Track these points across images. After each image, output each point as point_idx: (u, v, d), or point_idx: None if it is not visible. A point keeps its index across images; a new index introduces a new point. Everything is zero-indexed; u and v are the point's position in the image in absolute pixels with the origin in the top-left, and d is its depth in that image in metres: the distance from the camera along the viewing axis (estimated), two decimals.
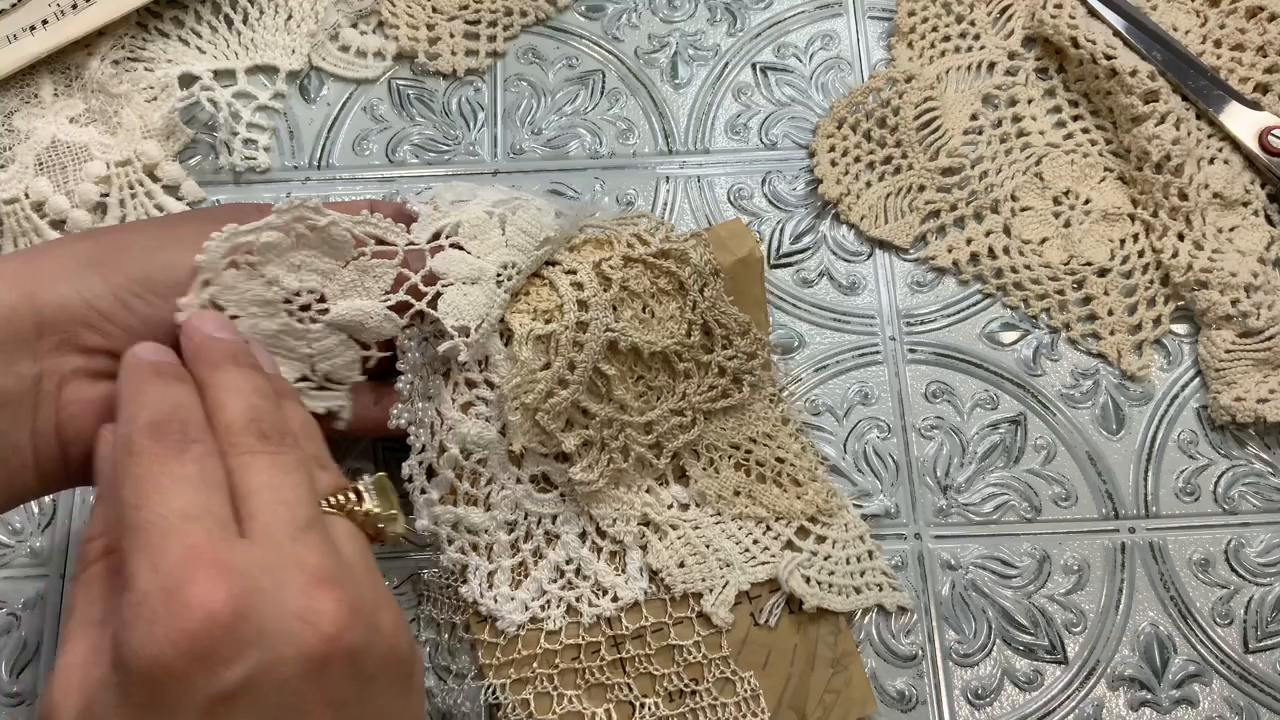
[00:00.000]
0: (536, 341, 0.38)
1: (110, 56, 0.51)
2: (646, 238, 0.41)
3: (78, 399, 0.33)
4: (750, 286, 0.44)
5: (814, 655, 0.41)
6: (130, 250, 0.34)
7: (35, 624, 0.43)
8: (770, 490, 0.43)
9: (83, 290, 0.33)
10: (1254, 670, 0.42)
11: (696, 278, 0.41)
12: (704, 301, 0.41)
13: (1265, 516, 0.45)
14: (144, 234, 0.36)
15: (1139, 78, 0.48)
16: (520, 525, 0.41)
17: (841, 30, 0.54)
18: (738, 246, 0.44)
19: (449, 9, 0.53)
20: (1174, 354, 0.47)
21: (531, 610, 0.41)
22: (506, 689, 0.40)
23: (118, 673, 0.26)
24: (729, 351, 0.42)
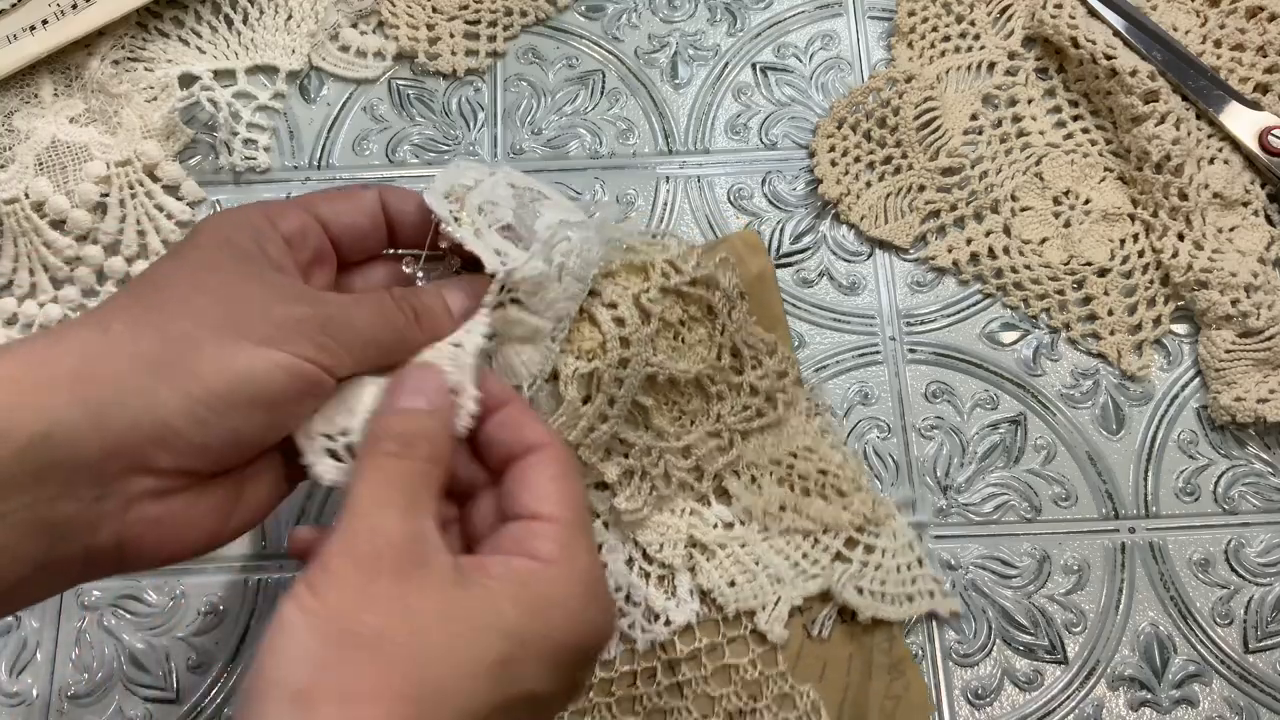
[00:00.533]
0: (581, 380, 0.38)
1: (110, 56, 0.51)
2: (680, 264, 0.40)
3: (143, 518, 0.30)
4: (769, 301, 0.45)
5: (870, 663, 0.41)
6: (201, 351, 0.30)
7: (35, 624, 0.43)
8: (815, 503, 0.43)
9: (156, 408, 0.29)
10: (1254, 670, 0.42)
11: (725, 301, 0.41)
12: (732, 324, 0.42)
13: (1265, 516, 0.45)
14: (204, 324, 0.31)
15: (1139, 78, 0.48)
16: None
17: (841, 30, 0.54)
18: (753, 260, 0.45)
19: (449, 9, 0.53)
20: (1174, 354, 0.47)
21: None
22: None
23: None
24: (759, 371, 0.43)
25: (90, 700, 0.42)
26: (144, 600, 0.43)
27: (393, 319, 0.34)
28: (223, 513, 0.33)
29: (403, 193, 0.38)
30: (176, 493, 0.31)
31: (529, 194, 0.38)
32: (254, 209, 0.35)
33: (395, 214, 0.37)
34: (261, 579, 0.44)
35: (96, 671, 0.42)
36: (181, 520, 0.31)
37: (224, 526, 0.33)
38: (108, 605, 0.43)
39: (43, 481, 0.28)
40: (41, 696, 0.42)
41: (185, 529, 0.32)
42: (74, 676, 0.42)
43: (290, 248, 0.35)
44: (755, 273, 0.45)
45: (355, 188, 0.38)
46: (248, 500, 0.34)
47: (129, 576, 0.43)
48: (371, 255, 0.38)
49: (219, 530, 0.33)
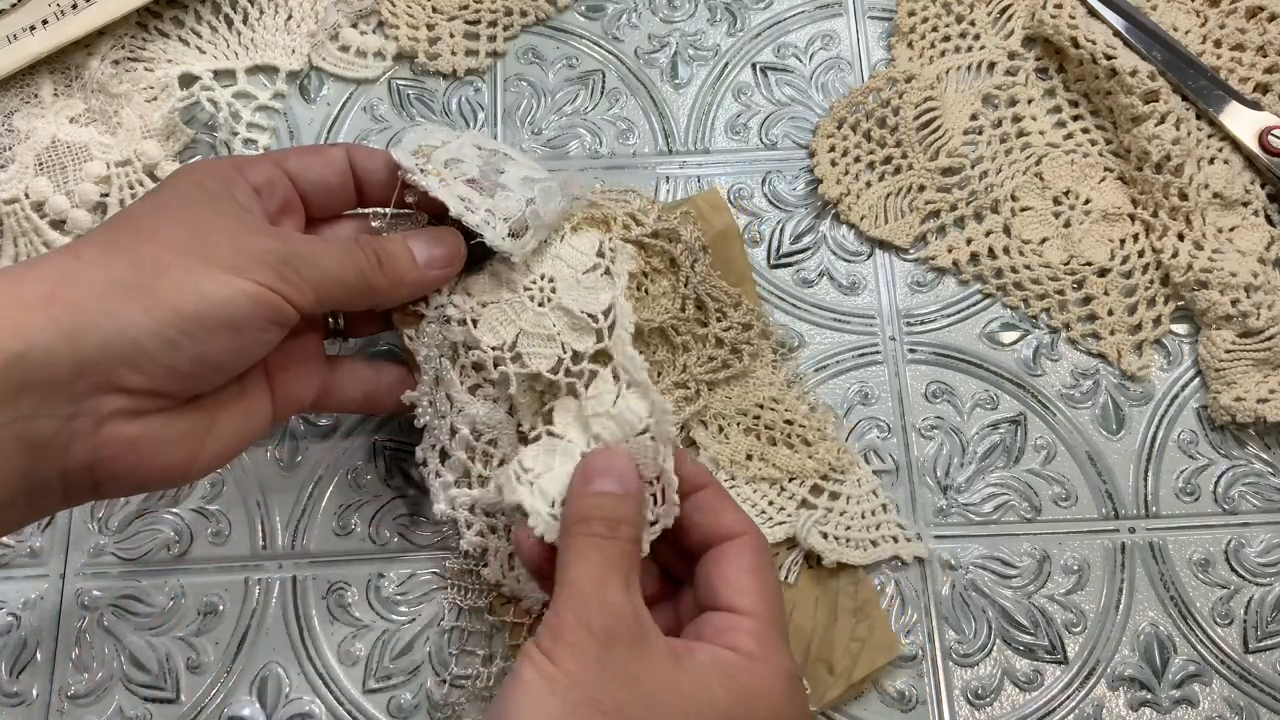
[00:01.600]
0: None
1: (110, 56, 0.51)
2: (641, 217, 0.42)
3: (117, 438, 0.32)
4: (733, 257, 0.46)
5: (836, 606, 0.42)
6: (170, 274, 0.32)
7: (35, 624, 0.43)
8: (781, 452, 0.44)
9: (126, 328, 0.31)
10: (1254, 670, 0.42)
11: (687, 254, 0.42)
12: (695, 276, 0.43)
13: (1265, 516, 0.45)
14: (175, 251, 0.32)
15: (1139, 78, 0.48)
16: None
17: (841, 30, 0.54)
18: (716, 218, 0.46)
19: (449, 9, 0.53)
20: (1174, 354, 0.47)
21: None
22: None
23: None
24: (724, 323, 0.44)
25: (90, 700, 0.42)
26: (144, 600, 0.43)
27: (356, 260, 0.36)
28: (195, 439, 0.34)
29: (370, 151, 0.39)
30: (147, 414, 0.32)
31: (495, 155, 0.40)
32: (224, 160, 0.37)
33: (362, 171, 0.39)
34: (262, 579, 0.44)
35: (96, 671, 0.42)
36: (153, 443, 0.32)
37: (196, 454, 0.34)
38: (108, 605, 0.43)
39: (20, 400, 0.29)
40: (41, 696, 0.42)
41: (157, 452, 0.33)
42: (74, 676, 0.42)
43: (258, 196, 0.36)
44: (719, 229, 0.46)
45: (325, 145, 0.39)
46: (220, 431, 0.35)
47: (129, 576, 0.43)
48: (339, 212, 0.40)
49: (192, 458, 0.34)
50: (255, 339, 0.34)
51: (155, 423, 0.33)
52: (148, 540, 0.44)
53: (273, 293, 0.33)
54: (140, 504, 0.45)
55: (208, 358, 0.33)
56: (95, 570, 0.44)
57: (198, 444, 0.34)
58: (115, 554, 0.44)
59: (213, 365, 0.33)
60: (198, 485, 0.45)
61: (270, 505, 0.45)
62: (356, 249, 0.36)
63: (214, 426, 0.35)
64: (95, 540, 0.44)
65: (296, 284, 0.34)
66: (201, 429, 0.34)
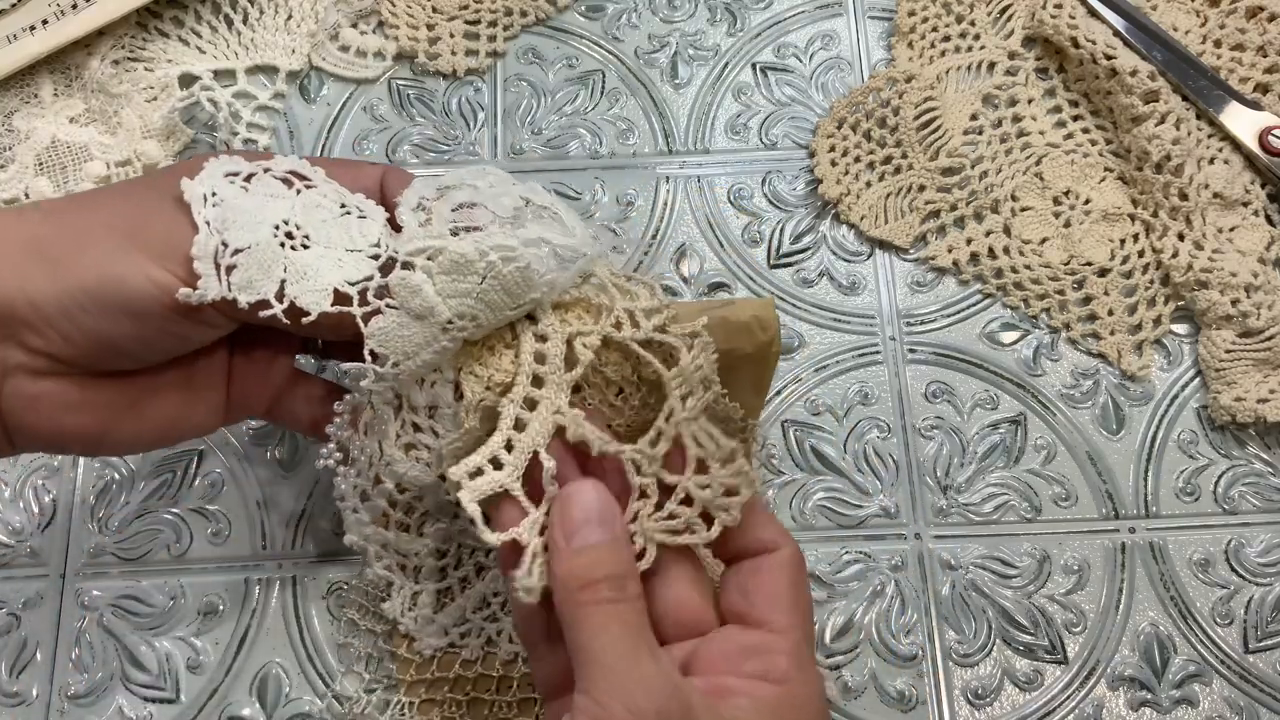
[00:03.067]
0: (487, 411, 0.34)
1: (110, 56, 0.51)
2: (640, 318, 0.34)
3: (18, 393, 0.32)
4: (759, 374, 0.39)
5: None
6: (86, 250, 0.31)
7: (35, 624, 0.43)
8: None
9: (28, 289, 0.31)
10: (1254, 670, 0.42)
11: (681, 383, 0.33)
12: (683, 412, 0.33)
13: (1265, 516, 0.45)
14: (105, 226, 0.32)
15: (1139, 78, 0.49)
16: (451, 554, 0.40)
17: (841, 30, 0.54)
18: (760, 332, 0.36)
19: (449, 9, 0.53)
20: (1174, 354, 0.47)
21: (450, 636, 0.40)
22: (415, 708, 0.40)
23: None
24: (702, 479, 0.32)
25: (90, 700, 0.42)
26: (144, 600, 0.43)
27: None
28: (111, 412, 0.33)
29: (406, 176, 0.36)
30: (51, 376, 0.32)
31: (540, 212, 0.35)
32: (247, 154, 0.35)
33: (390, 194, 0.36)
34: (262, 579, 0.44)
35: (96, 671, 0.42)
36: (56, 406, 0.32)
37: (111, 428, 0.34)
38: (108, 605, 0.43)
39: None
40: (41, 696, 0.42)
41: (60, 415, 0.32)
42: (74, 676, 0.42)
43: None
44: (752, 350, 0.37)
45: (364, 162, 0.37)
46: (147, 412, 0.34)
47: (129, 576, 0.43)
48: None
49: (104, 430, 0.34)
50: (161, 330, 0.32)
51: (60, 386, 0.32)
52: (148, 540, 0.44)
53: (184, 285, 0.31)
54: (140, 504, 0.45)
55: (105, 338, 0.32)
56: (95, 570, 0.44)
57: (113, 418, 0.34)
58: (115, 554, 0.44)
59: (112, 347, 0.32)
60: (197, 485, 0.45)
61: (270, 505, 0.45)
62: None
63: (138, 405, 0.34)
64: (95, 540, 0.44)
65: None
66: (120, 404, 0.34)
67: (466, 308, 0.33)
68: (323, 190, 0.34)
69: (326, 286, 0.32)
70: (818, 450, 0.45)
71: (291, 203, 0.33)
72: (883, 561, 0.44)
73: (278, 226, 0.32)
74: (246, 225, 0.32)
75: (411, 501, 0.38)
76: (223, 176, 0.33)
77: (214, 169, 0.33)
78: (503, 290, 0.33)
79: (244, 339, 0.37)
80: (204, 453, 0.45)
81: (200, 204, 0.32)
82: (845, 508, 0.45)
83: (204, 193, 0.32)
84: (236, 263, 0.32)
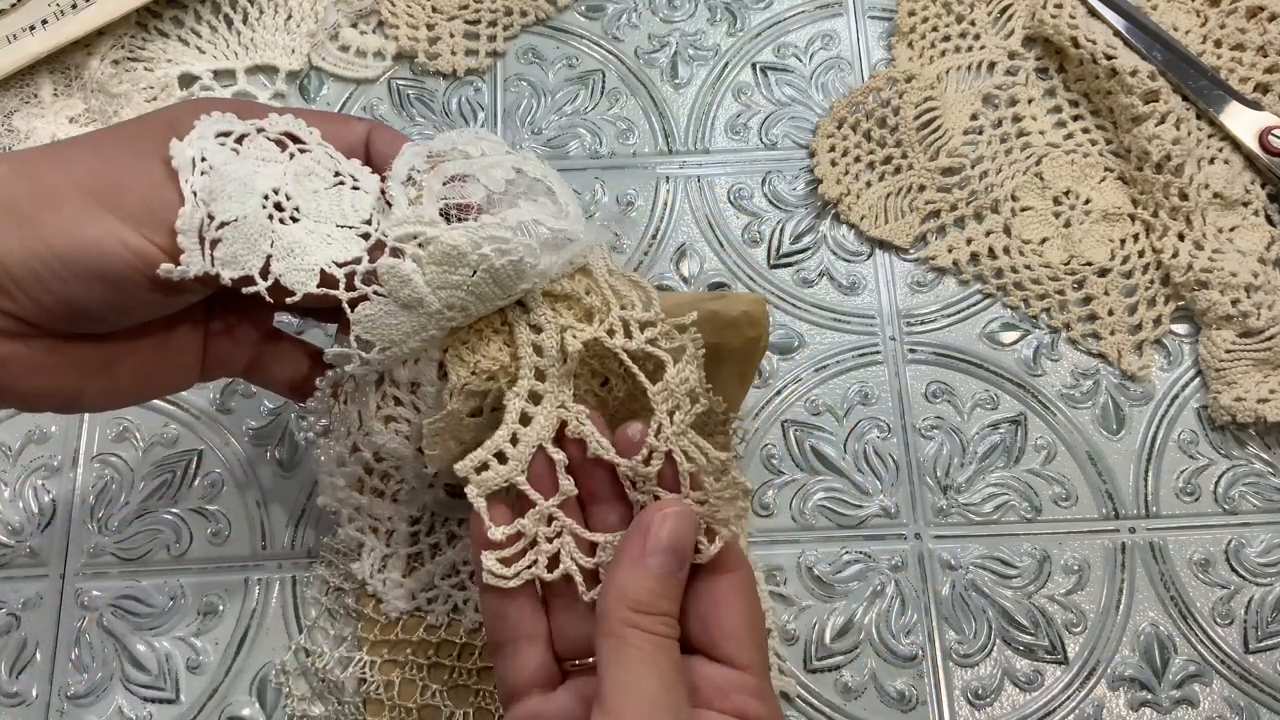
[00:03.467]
0: (471, 395, 0.34)
1: (110, 56, 0.51)
2: (633, 329, 0.34)
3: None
4: (744, 366, 0.40)
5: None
6: (60, 211, 0.30)
7: (35, 624, 0.43)
8: None
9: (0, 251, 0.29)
10: (1254, 670, 0.42)
11: (667, 398, 0.33)
12: (672, 428, 0.32)
13: (1265, 516, 0.44)
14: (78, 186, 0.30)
15: (1139, 78, 0.48)
16: (425, 520, 0.41)
17: (841, 30, 0.54)
18: (749, 328, 0.38)
19: (449, 9, 0.53)
20: (1174, 354, 0.47)
21: (418, 601, 0.41)
22: (377, 666, 0.41)
23: None
24: (699, 495, 0.33)
25: (90, 700, 0.42)
26: (144, 600, 0.43)
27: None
28: (83, 373, 0.33)
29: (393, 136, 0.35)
30: (20, 338, 0.31)
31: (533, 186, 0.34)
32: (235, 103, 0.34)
33: (378, 156, 0.35)
34: (262, 579, 0.44)
35: (96, 671, 0.42)
36: (26, 366, 0.31)
37: (85, 388, 0.33)
38: (107, 605, 0.43)
39: None
40: (41, 696, 0.42)
41: (30, 375, 0.32)
42: (74, 676, 0.42)
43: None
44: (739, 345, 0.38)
45: (351, 117, 0.36)
46: (121, 372, 0.34)
47: (129, 576, 0.43)
48: None
49: (78, 390, 0.33)
50: (136, 297, 0.31)
51: (31, 347, 0.31)
52: (147, 540, 0.44)
53: (164, 254, 0.30)
54: (140, 504, 0.45)
55: (76, 303, 0.30)
56: (95, 570, 0.44)
57: (86, 378, 0.33)
58: (115, 554, 0.44)
59: (83, 312, 0.31)
60: (197, 485, 0.45)
61: (270, 505, 0.45)
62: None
63: (112, 365, 0.33)
64: (95, 540, 0.44)
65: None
66: (93, 365, 0.33)
67: (457, 299, 0.32)
68: (316, 156, 0.33)
69: (313, 266, 0.31)
70: (818, 450, 0.45)
71: (284, 168, 0.32)
72: (883, 561, 0.44)
73: (267, 196, 0.31)
74: (235, 195, 0.31)
75: (388, 470, 0.38)
76: (213, 137, 0.32)
77: (205, 128, 0.32)
78: (494, 282, 0.32)
79: (221, 299, 0.35)
80: (204, 453, 0.45)
81: (188, 170, 0.31)
82: (845, 508, 0.45)
83: (193, 156, 0.31)
84: (222, 236, 0.31)
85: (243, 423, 0.46)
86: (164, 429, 0.46)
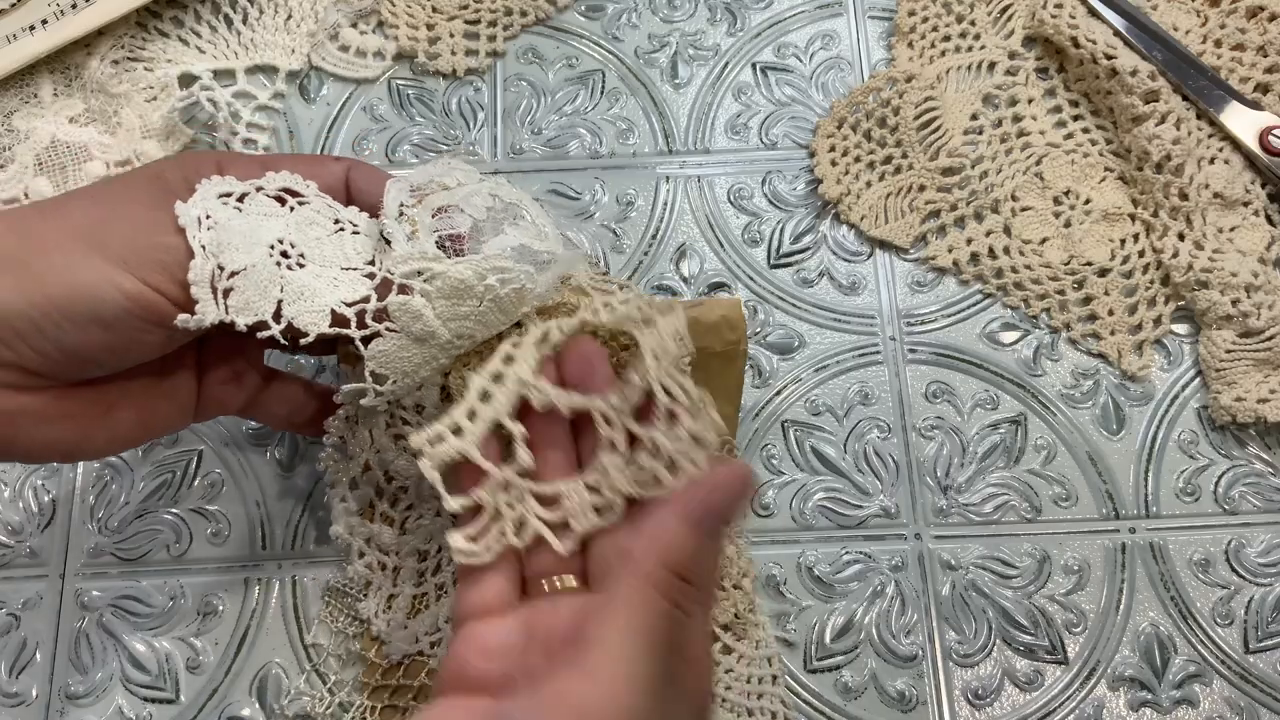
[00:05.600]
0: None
1: (110, 56, 0.51)
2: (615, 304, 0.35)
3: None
4: (729, 380, 0.40)
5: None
6: (52, 257, 0.30)
7: (35, 624, 0.43)
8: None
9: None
10: (1254, 670, 0.42)
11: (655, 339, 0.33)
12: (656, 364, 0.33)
13: (1265, 517, 0.44)
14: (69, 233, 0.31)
15: (1139, 78, 0.48)
16: (432, 558, 0.41)
17: (841, 30, 0.54)
18: (729, 331, 0.38)
19: (449, 9, 0.53)
20: (1174, 354, 0.47)
21: (421, 644, 0.40)
22: (376, 713, 0.40)
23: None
24: (671, 429, 0.32)
25: (90, 700, 0.42)
26: (144, 600, 0.43)
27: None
28: (87, 421, 0.33)
29: (372, 173, 0.36)
30: (25, 391, 0.31)
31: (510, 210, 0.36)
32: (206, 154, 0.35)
33: (358, 193, 0.36)
34: (262, 579, 0.44)
35: (96, 671, 0.42)
36: (33, 419, 0.32)
37: (89, 436, 0.34)
38: (108, 605, 0.43)
39: None
40: (41, 696, 0.42)
41: (37, 429, 0.32)
42: (74, 676, 0.42)
43: None
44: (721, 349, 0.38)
45: (328, 157, 0.37)
46: (121, 417, 0.34)
47: (128, 576, 0.43)
48: None
49: (83, 438, 0.33)
50: (131, 339, 0.32)
51: (37, 400, 0.32)
52: (147, 540, 0.44)
53: (157, 294, 0.31)
54: (140, 504, 0.45)
55: (75, 349, 0.31)
56: (95, 570, 0.44)
57: (90, 426, 0.33)
58: (115, 554, 0.44)
59: (83, 357, 0.32)
60: (197, 485, 0.45)
61: (270, 505, 0.45)
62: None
63: (112, 412, 0.34)
64: (95, 540, 0.44)
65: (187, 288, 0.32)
66: (96, 411, 0.33)
67: (465, 329, 0.34)
68: (315, 206, 0.35)
69: (324, 307, 0.33)
70: (818, 450, 0.45)
71: (286, 221, 0.34)
72: (883, 562, 0.44)
73: (273, 246, 0.33)
74: (242, 246, 0.32)
75: (397, 493, 0.39)
76: (216, 198, 0.33)
77: (207, 190, 0.33)
78: (499, 310, 0.34)
79: (214, 340, 0.36)
80: (204, 453, 0.45)
81: (195, 227, 0.32)
82: (845, 508, 0.45)
83: (198, 215, 0.32)
84: (233, 285, 0.32)
85: (243, 423, 0.46)
86: None
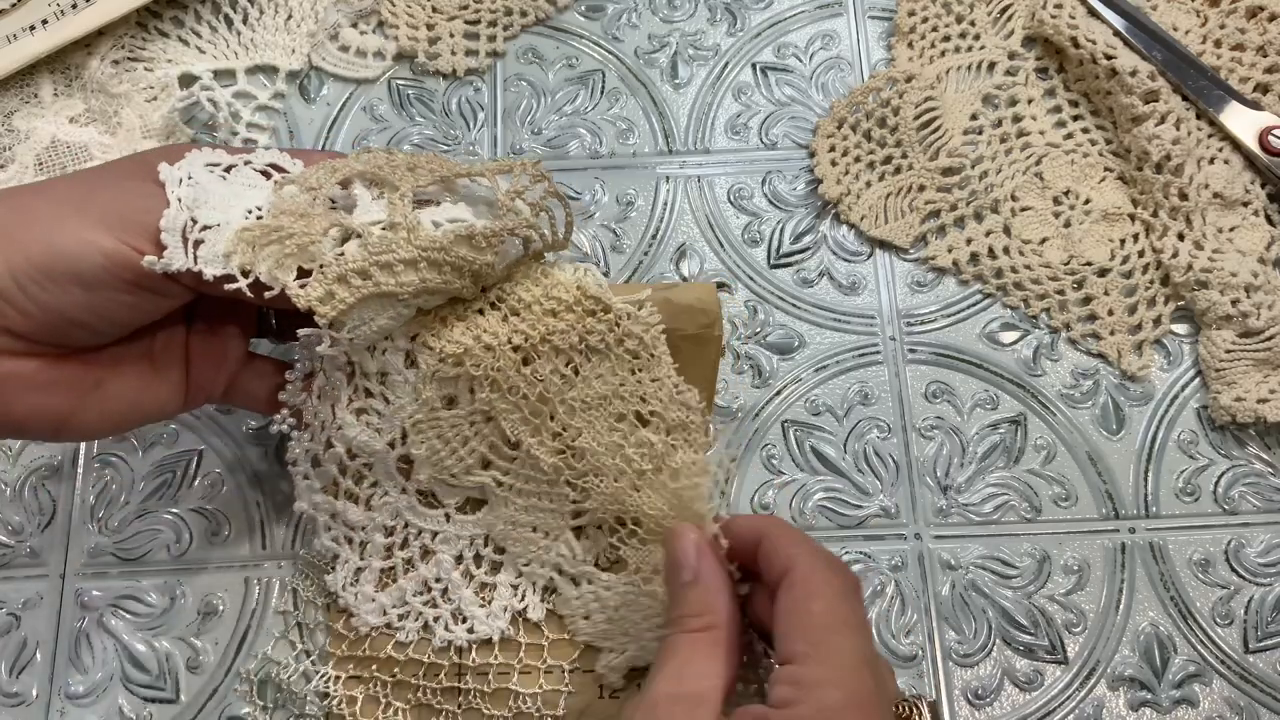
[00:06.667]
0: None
1: (110, 56, 0.51)
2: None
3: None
4: (704, 366, 0.40)
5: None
6: (35, 225, 0.32)
7: (35, 624, 0.43)
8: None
9: None
10: (1254, 670, 0.42)
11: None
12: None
13: (1265, 517, 0.44)
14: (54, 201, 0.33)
15: (1139, 78, 0.48)
16: (399, 532, 0.41)
17: (841, 30, 0.54)
18: (702, 314, 0.39)
19: (449, 9, 0.53)
20: (1174, 354, 0.47)
21: (389, 617, 0.41)
22: (340, 682, 0.41)
23: None
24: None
25: (90, 700, 0.42)
26: (144, 600, 0.43)
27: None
28: (76, 393, 0.34)
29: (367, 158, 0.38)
30: (13, 355, 0.32)
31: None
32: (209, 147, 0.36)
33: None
34: (262, 579, 0.44)
35: (96, 671, 0.42)
36: (22, 385, 0.33)
37: (77, 410, 0.34)
38: (108, 605, 0.43)
39: None
40: (41, 696, 0.42)
41: (26, 395, 0.33)
42: (74, 676, 0.42)
43: None
44: (695, 332, 0.39)
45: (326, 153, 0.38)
46: (110, 393, 0.35)
47: (129, 576, 0.43)
48: None
49: (71, 411, 0.34)
50: (112, 299, 0.32)
51: (27, 365, 0.33)
52: (147, 540, 0.44)
53: (136, 253, 0.32)
54: (140, 504, 0.45)
55: (57, 309, 0.32)
56: (95, 570, 0.44)
57: (80, 398, 0.34)
58: (115, 554, 0.44)
59: (67, 318, 0.32)
60: (197, 485, 0.45)
61: (270, 505, 0.45)
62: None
63: (102, 384, 0.35)
64: (95, 540, 0.44)
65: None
66: (84, 383, 0.34)
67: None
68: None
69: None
70: (818, 450, 0.45)
71: (267, 193, 0.34)
72: (883, 561, 0.44)
73: (250, 211, 0.34)
74: (219, 207, 0.33)
75: (361, 469, 0.39)
76: (202, 165, 0.34)
77: (195, 158, 0.34)
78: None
79: (200, 320, 0.37)
80: (204, 453, 0.45)
81: (175, 185, 0.33)
82: (845, 508, 0.45)
83: (180, 176, 0.33)
84: (204, 238, 0.32)
85: (243, 423, 0.46)
86: (164, 429, 0.46)
